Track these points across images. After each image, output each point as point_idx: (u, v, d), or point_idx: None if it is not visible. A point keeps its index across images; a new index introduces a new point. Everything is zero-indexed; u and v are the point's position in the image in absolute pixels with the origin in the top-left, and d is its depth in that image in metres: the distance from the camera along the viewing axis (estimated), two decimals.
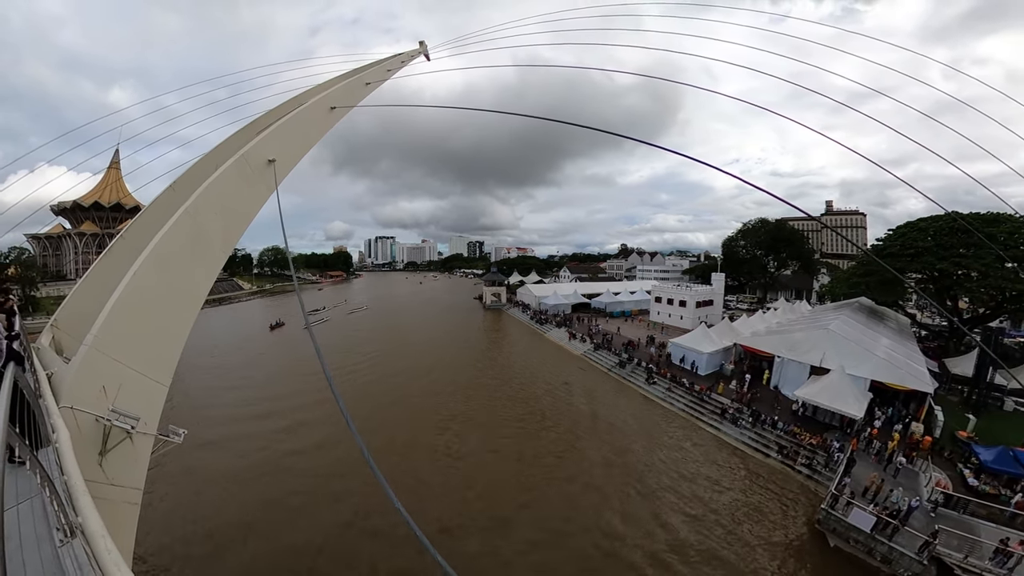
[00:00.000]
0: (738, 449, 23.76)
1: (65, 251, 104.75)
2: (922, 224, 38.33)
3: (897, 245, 38.76)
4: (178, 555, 15.41)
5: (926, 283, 38.90)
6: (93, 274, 8.04)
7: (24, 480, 4.26)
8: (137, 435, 5.78)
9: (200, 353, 44.23)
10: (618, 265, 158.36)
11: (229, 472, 20.99)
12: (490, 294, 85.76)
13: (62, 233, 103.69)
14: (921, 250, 36.64)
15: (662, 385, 32.94)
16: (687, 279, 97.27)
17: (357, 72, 13.14)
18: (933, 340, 45.41)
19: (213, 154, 10.04)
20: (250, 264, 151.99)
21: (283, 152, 8.56)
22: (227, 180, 7.26)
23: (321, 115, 10.36)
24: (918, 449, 21.32)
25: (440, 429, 25.92)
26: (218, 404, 30.80)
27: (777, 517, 17.73)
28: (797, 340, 29.93)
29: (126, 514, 6.00)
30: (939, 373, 30.47)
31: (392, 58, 15.10)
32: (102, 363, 5.76)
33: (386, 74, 13.90)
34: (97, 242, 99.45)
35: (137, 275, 5.93)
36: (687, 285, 68.41)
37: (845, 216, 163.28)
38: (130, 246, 7.68)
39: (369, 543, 15.81)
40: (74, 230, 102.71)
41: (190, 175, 9.19)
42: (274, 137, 8.51)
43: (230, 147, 9.77)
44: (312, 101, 10.26)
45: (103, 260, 8.15)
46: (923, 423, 23.01)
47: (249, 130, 10.69)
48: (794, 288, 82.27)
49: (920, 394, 24.02)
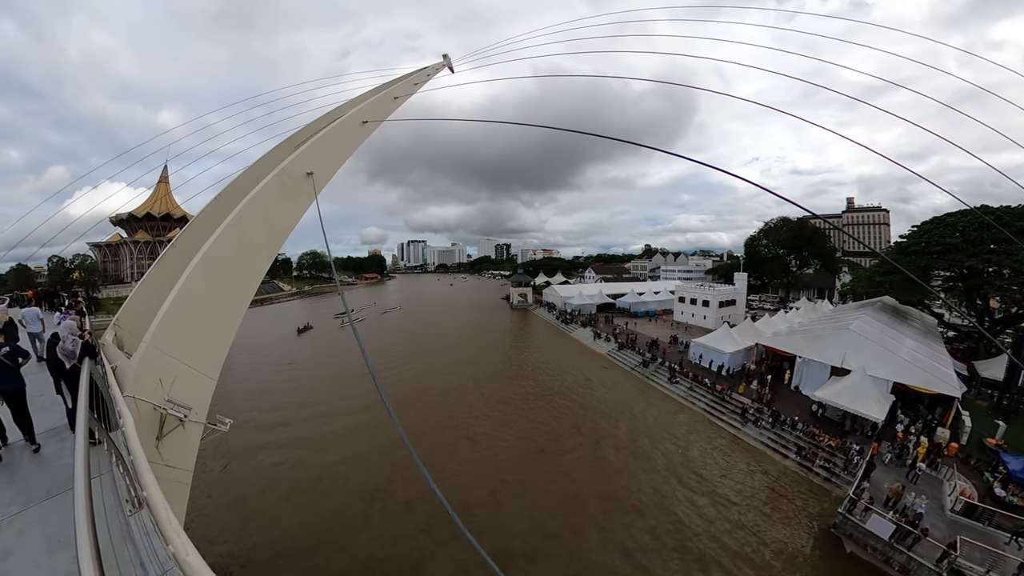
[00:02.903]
0: (756, 449, 23.67)
1: (122, 257, 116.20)
2: (949, 219, 36.77)
3: (922, 242, 37.23)
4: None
5: (954, 281, 37.48)
6: (148, 278, 8.85)
7: (100, 458, 4.98)
8: (189, 423, 6.43)
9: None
10: (642, 265, 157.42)
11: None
12: (517, 294, 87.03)
13: (119, 241, 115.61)
14: (948, 247, 34.98)
15: (684, 384, 33.01)
16: (710, 279, 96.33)
17: (386, 87, 13.71)
18: (962, 341, 43.45)
19: (254, 167, 10.76)
20: (290, 267, 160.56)
21: (320, 165, 9.11)
22: (269, 192, 7.87)
23: (354, 129, 10.84)
24: (943, 455, 20.74)
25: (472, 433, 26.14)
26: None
27: (792, 519, 17.67)
28: (817, 340, 29.49)
29: (178, 492, 6.69)
30: (968, 376, 29.51)
31: (418, 72, 15.61)
32: (159, 358, 6.45)
33: (413, 88, 14.39)
34: (149, 249, 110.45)
35: (188, 279, 6.61)
36: (710, 285, 67.85)
37: (867, 213, 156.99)
38: (181, 253, 8.44)
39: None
40: (130, 238, 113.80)
41: (234, 187, 9.93)
42: (311, 151, 9.08)
43: (270, 161, 10.46)
44: (345, 116, 10.77)
45: (157, 266, 8.96)
46: (949, 428, 22.32)
47: (287, 144, 11.39)
48: (816, 287, 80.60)
49: (946, 398, 23.35)
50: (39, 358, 8.91)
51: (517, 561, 15.20)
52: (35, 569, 3.50)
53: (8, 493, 4.62)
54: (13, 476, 5.05)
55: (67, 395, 5.98)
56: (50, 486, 4.77)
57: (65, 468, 5.12)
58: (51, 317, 13.10)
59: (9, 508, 4.36)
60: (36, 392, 6.56)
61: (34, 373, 7.60)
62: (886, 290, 42.25)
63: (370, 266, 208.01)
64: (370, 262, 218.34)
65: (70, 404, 5.99)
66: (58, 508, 4.35)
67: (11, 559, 3.63)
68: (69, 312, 12.19)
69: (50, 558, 3.62)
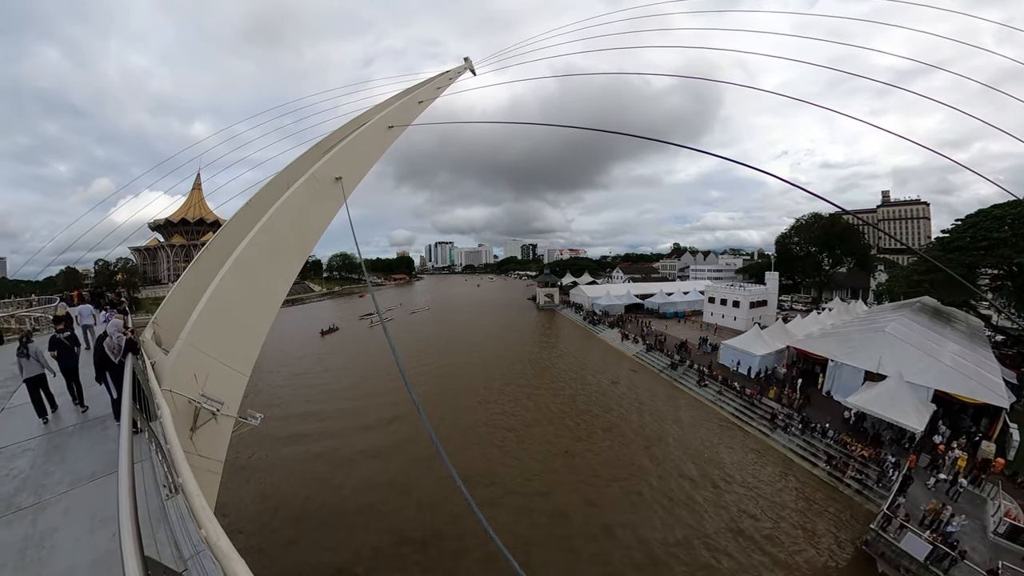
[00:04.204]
0: (785, 456, 22.91)
1: (160, 260, 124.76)
2: (996, 212, 34.03)
3: (967, 237, 34.75)
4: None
5: (1003, 280, 34.95)
6: (184, 279, 9.37)
7: (141, 445, 5.34)
8: (221, 416, 6.78)
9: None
10: (671, 265, 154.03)
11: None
12: (543, 295, 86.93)
13: (157, 245, 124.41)
14: (996, 242, 32.58)
15: (713, 388, 32.28)
16: (740, 278, 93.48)
17: (410, 92, 13.98)
18: (1012, 346, 40.43)
19: (284, 173, 11.22)
20: (320, 269, 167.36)
21: (348, 170, 9.41)
22: (299, 196, 8.20)
23: (380, 134, 11.10)
24: (987, 471, 19.28)
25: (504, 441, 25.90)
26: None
27: (821, 533, 16.88)
28: (851, 343, 28.25)
29: (210, 480, 7.06)
30: (1017, 385, 27.62)
31: (441, 75, 15.85)
32: (194, 355, 6.84)
33: (436, 92, 14.63)
34: (184, 252, 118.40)
35: (222, 281, 6.98)
36: (740, 285, 65.82)
37: (905, 207, 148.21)
38: (214, 256, 8.92)
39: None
40: (166, 242, 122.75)
41: (264, 193, 10.38)
42: (339, 156, 9.39)
43: (299, 166, 10.86)
44: (371, 122, 11.06)
45: (192, 268, 9.49)
46: (995, 442, 20.93)
47: (315, 150, 11.79)
48: (849, 287, 76.95)
49: (993, 408, 21.88)
50: (87, 347, 10.30)
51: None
52: (77, 544, 3.80)
53: (57, 474, 5.06)
54: (63, 458, 5.51)
55: (111, 386, 6.48)
56: (95, 469, 5.17)
57: (109, 453, 5.52)
58: (97, 315, 14.53)
59: (58, 487, 4.76)
60: (87, 382, 7.28)
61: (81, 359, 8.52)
62: (926, 290, 39.98)
63: (399, 267, 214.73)
64: (398, 263, 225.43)
65: (114, 395, 6.45)
66: (101, 489, 4.70)
67: (56, 535, 3.94)
68: (112, 311, 13.14)
69: (91, 535, 3.92)
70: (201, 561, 3.25)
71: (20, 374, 6.75)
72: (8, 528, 4.08)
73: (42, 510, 4.37)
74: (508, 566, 3.56)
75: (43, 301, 24.78)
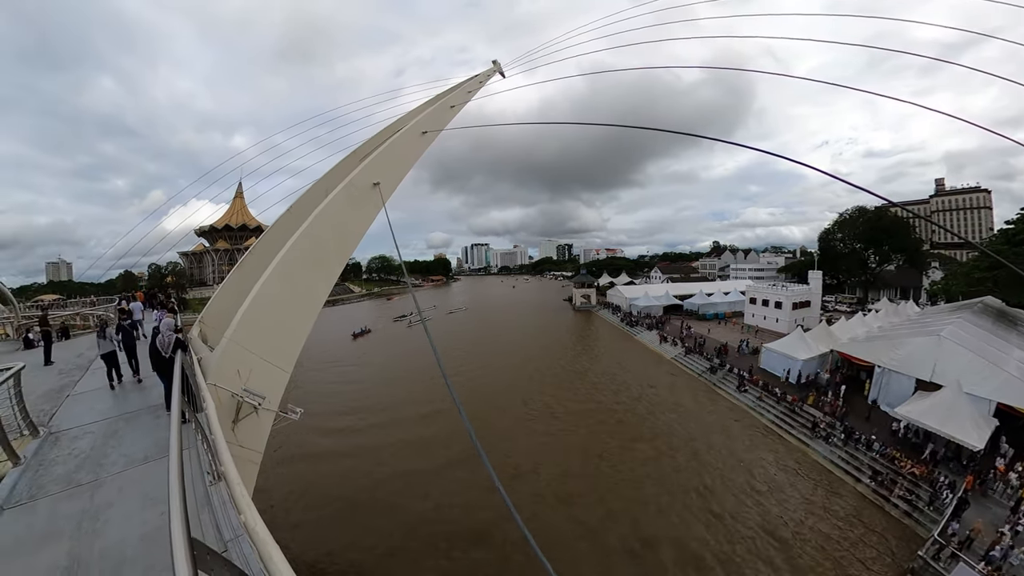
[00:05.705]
0: (826, 468, 21.64)
1: (206, 263, 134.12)
2: None
3: None
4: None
5: None
6: (229, 282, 10.01)
7: (188, 434, 5.77)
8: (262, 410, 7.20)
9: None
10: (711, 264, 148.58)
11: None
12: (579, 295, 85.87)
13: (203, 250, 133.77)
14: None
15: (753, 393, 31.09)
16: (782, 278, 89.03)
17: (441, 97, 14.32)
18: None
19: (323, 180, 11.78)
20: (359, 271, 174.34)
21: (385, 175, 9.80)
22: (338, 202, 8.63)
23: (415, 140, 11.44)
24: None
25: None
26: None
27: (864, 557, 15.57)
28: (901, 348, 26.37)
29: (249, 470, 7.51)
30: None
31: (471, 79, 16.13)
32: (237, 352, 7.28)
33: (467, 95, 14.92)
34: (228, 256, 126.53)
35: (265, 283, 7.42)
36: (783, 285, 62.63)
37: (962, 196, 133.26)
38: (257, 259, 9.49)
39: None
40: (211, 247, 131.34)
41: (304, 199, 10.94)
42: (376, 163, 9.78)
43: (337, 174, 11.37)
44: (405, 128, 11.40)
45: (236, 271, 10.13)
46: None
47: (352, 158, 12.30)
48: (899, 286, 71.07)
49: None
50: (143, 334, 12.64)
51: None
52: (128, 520, 4.17)
53: (113, 456, 5.59)
54: (120, 441, 6.06)
55: (163, 378, 7.18)
56: (147, 453, 5.67)
57: (160, 440, 6.03)
58: (151, 314, 17.48)
59: (113, 467, 5.26)
60: (143, 360, 8.63)
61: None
62: (989, 289, 36.82)
63: (436, 269, 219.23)
64: (436, 265, 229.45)
65: (166, 387, 7.09)
66: (152, 471, 5.15)
67: (111, 510, 4.35)
68: (163, 311, 14.70)
69: (142, 512, 4.30)
70: (240, 544, 3.47)
71: (98, 350, 8.82)
72: (68, 501, 4.53)
73: (99, 487, 4.82)
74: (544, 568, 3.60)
75: (102, 301, 27.24)
